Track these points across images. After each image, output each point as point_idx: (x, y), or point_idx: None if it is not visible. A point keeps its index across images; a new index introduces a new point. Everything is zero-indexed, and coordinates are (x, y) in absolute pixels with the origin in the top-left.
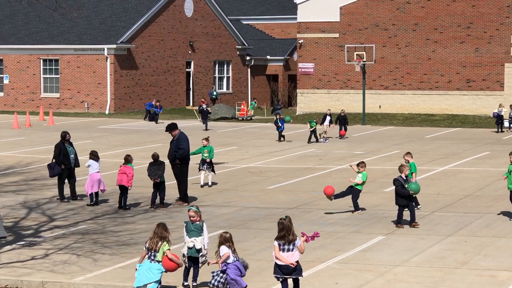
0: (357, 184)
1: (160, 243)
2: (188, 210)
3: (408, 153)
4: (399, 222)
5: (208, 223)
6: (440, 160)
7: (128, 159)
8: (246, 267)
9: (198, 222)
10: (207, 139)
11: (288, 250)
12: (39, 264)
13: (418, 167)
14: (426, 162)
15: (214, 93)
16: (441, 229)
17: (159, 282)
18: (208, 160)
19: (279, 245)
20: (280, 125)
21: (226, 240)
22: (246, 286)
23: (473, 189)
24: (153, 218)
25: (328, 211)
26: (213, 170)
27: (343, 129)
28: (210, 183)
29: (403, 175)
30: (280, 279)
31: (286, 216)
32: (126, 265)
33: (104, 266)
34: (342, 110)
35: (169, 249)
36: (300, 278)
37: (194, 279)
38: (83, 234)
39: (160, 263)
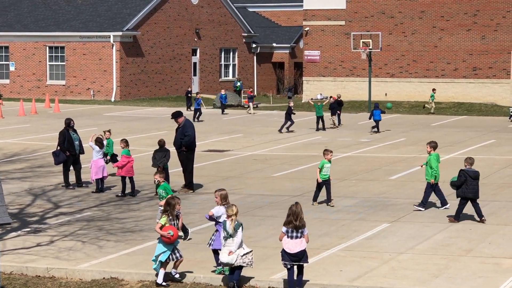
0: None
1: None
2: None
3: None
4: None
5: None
6: (446, 148)
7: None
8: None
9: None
10: (109, 131)
11: (296, 237)
12: (44, 250)
13: (423, 155)
14: None
15: (238, 83)
16: (446, 217)
17: (170, 248)
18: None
19: (287, 231)
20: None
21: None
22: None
23: None
24: (158, 205)
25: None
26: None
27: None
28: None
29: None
30: (288, 266)
31: (296, 202)
32: (131, 252)
33: (109, 253)
34: (338, 94)
35: (162, 224)
36: (305, 264)
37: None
38: (88, 221)
39: None
